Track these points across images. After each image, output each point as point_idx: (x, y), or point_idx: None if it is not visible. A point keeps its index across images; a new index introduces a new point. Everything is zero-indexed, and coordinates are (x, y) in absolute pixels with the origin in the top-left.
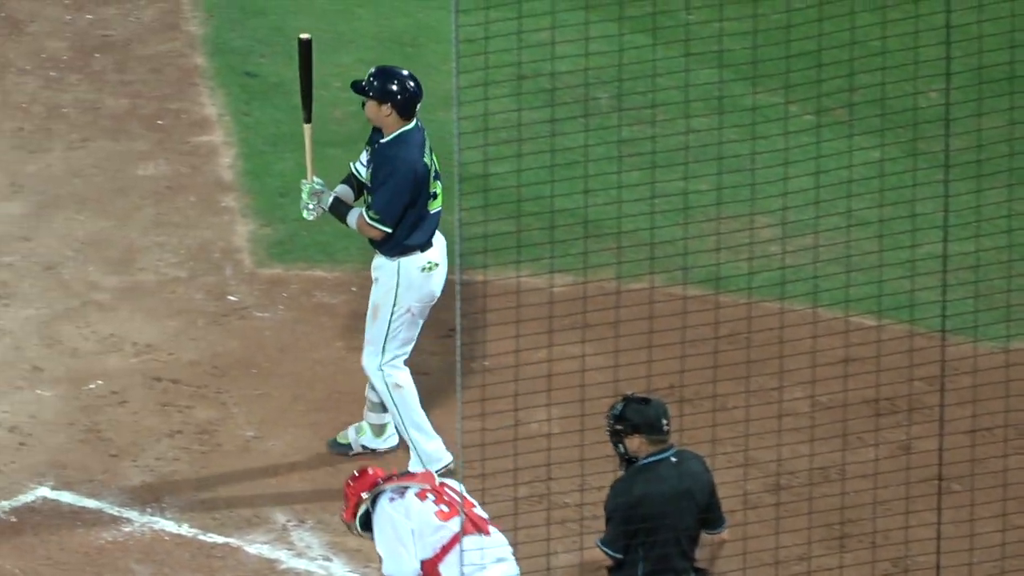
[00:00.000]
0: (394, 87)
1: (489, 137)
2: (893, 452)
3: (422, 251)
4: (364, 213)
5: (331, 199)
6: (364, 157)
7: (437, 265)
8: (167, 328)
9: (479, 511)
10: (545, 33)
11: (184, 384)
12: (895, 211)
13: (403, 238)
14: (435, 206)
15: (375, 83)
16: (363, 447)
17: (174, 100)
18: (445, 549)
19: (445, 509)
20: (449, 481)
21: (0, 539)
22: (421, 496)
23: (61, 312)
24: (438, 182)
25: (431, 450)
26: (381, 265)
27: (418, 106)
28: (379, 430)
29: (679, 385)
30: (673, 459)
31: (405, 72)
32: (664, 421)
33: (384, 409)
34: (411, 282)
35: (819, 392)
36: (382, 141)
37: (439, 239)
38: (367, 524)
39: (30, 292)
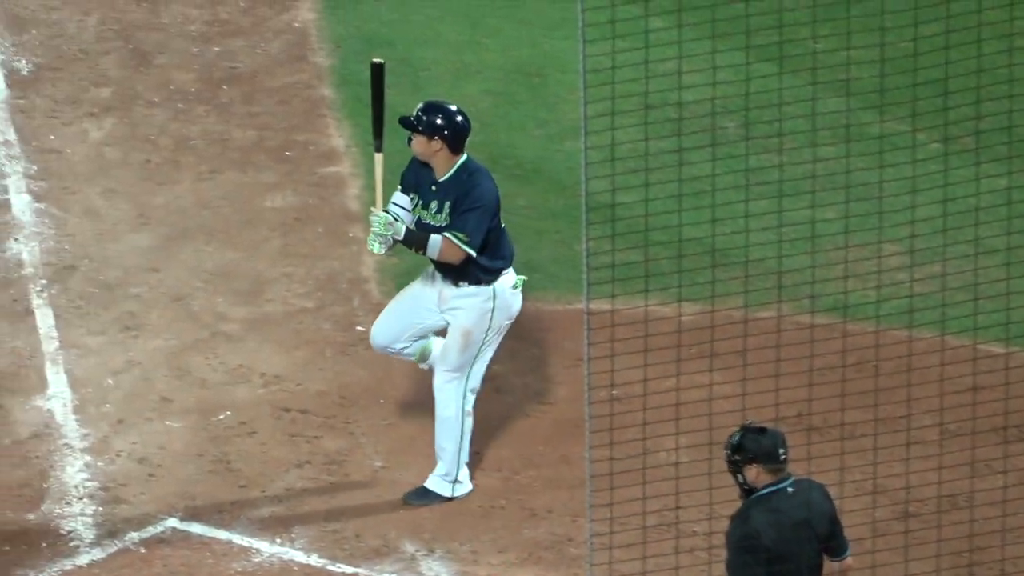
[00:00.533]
0: (442, 121)
1: (616, 167)
2: (1022, 479)
3: (509, 270)
4: (450, 236)
5: (404, 228)
6: (401, 199)
7: (524, 280)
8: (295, 358)
9: None
10: (672, 62)
11: (312, 414)
12: (1023, 238)
13: (492, 260)
14: (503, 224)
15: (424, 118)
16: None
17: (301, 131)
18: None
19: None
20: None
21: (130, 570)
22: None
23: (190, 343)
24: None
25: (463, 476)
26: (472, 293)
27: (467, 140)
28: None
29: (807, 413)
30: (790, 489)
31: (454, 107)
32: (781, 451)
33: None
34: (505, 302)
35: (947, 420)
36: (443, 179)
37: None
38: None
39: (159, 323)
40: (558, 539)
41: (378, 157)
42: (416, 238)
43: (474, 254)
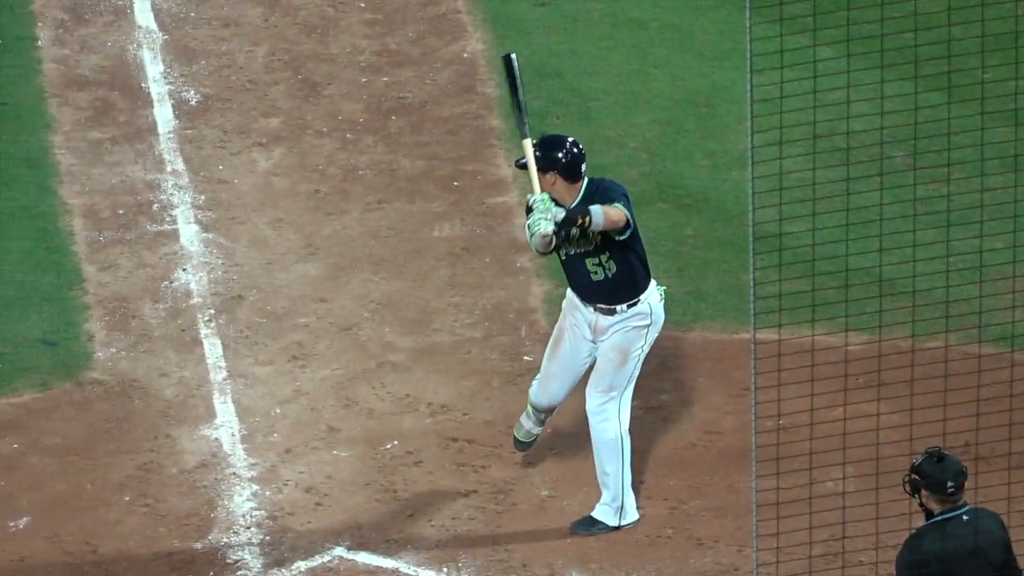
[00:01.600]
0: (552, 155)
1: (784, 196)
2: None
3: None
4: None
5: (562, 210)
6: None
7: (666, 289)
8: (462, 388)
9: None
10: (840, 92)
11: (479, 444)
12: None
13: (641, 267)
14: None
15: (537, 154)
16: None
17: (469, 161)
18: None
19: None
20: None
21: None
22: None
23: (357, 373)
24: None
25: (630, 504)
26: (631, 315)
27: (583, 167)
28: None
29: (974, 443)
30: (965, 517)
31: (564, 137)
32: (950, 484)
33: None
34: (658, 315)
35: None
36: (573, 206)
37: None
38: None
39: (326, 353)
40: (724, 569)
41: (526, 143)
42: (577, 211)
43: (632, 220)
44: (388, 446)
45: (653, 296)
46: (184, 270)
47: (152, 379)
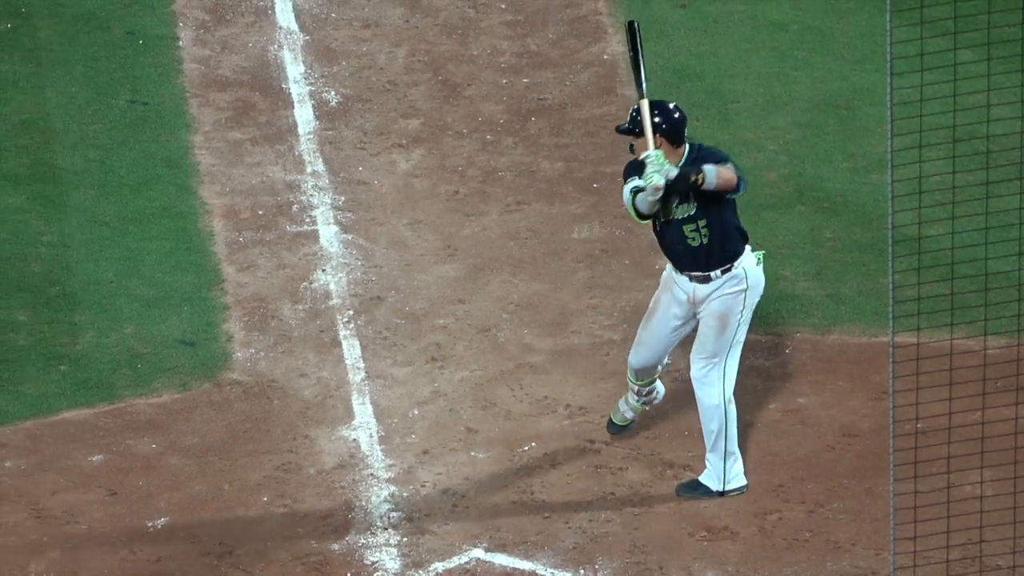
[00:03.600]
0: (657, 119)
1: (923, 199)
2: None
3: (747, 246)
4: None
5: (675, 168)
6: None
7: (764, 254)
8: (600, 390)
9: None
10: (980, 95)
11: (617, 446)
12: None
13: (737, 236)
14: None
15: (638, 118)
16: (627, 418)
17: (609, 163)
18: None
19: None
20: None
21: None
22: None
23: (495, 374)
24: None
25: (733, 471)
26: (725, 281)
27: (684, 131)
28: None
29: None
30: None
31: (667, 103)
32: None
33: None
34: (755, 279)
35: None
36: (681, 166)
37: None
38: None
39: (465, 354)
40: (862, 572)
41: (643, 104)
42: (691, 169)
43: (745, 179)
44: (526, 448)
45: (749, 260)
46: (323, 271)
47: (291, 380)
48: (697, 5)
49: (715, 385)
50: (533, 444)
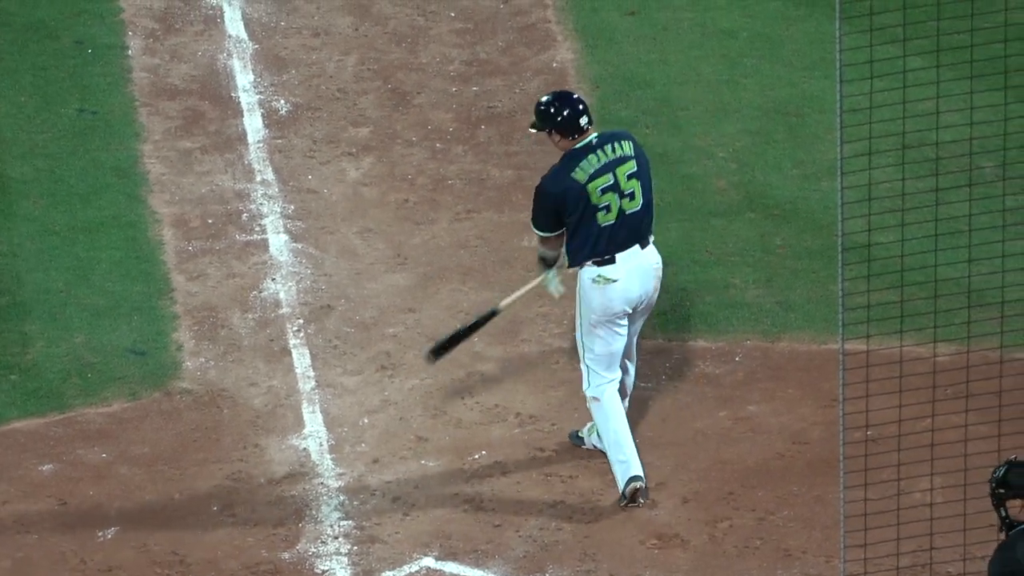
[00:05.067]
0: (551, 111)
1: (873, 206)
2: None
3: (594, 264)
4: None
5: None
6: None
7: (612, 281)
8: (551, 398)
9: None
10: (929, 102)
11: (567, 454)
12: None
13: (573, 248)
14: (605, 219)
15: (536, 114)
16: (593, 445)
17: None
18: None
19: None
20: None
21: None
22: None
23: (446, 383)
24: (613, 195)
25: (623, 475)
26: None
27: (581, 121)
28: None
29: None
30: None
31: (564, 94)
32: None
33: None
34: (586, 293)
35: None
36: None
37: (628, 257)
38: None
39: (415, 363)
40: None
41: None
42: (558, 270)
43: (540, 234)
44: (476, 456)
45: (585, 273)
46: (273, 280)
47: (241, 389)
48: (646, 12)
49: (584, 381)
50: (483, 452)
